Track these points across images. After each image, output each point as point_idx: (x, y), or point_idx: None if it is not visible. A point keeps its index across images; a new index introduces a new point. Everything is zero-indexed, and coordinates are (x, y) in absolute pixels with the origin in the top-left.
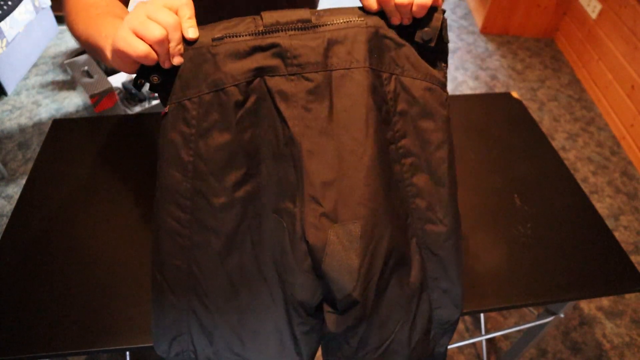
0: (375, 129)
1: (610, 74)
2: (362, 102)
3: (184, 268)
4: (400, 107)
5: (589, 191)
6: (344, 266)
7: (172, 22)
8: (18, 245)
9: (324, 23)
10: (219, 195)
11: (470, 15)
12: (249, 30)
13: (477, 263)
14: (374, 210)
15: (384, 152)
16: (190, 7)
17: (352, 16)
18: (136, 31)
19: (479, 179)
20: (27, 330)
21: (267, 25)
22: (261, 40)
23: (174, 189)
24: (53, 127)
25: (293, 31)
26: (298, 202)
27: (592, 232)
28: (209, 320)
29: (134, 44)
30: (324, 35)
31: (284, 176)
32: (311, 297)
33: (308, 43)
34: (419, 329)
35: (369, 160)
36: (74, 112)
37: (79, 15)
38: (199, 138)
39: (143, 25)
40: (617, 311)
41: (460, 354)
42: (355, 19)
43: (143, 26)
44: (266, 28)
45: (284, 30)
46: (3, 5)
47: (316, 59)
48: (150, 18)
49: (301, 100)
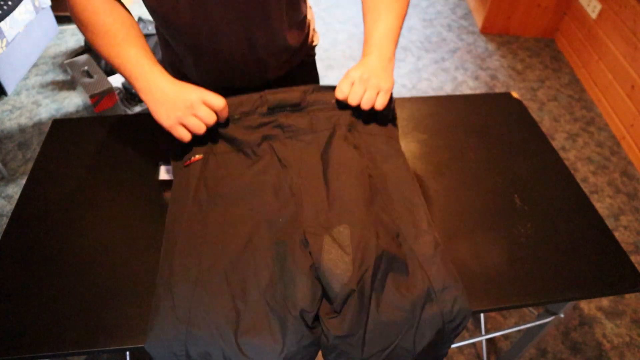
0: (355, 165)
1: (610, 74)
2: (344, 147)
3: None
4: (367, 147)
5: (589, 191)
6: (340, 260)
7: (211, 121)
8: (18, 245)
9: (310, 104)
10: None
11: (470, 15)
12: (256, 109)
13: (477, 263)
14: (359, 217)
15: (363, 180)
16: (223, 105)
17: (331, 98)
18: (183, 124)
19: (479, 179)
20: (27, 330)
21: (270, 106)
22: (266, 119)
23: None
24: (53, 127)
25: (287, 112)
26: (297, 225)
27: (592, 232)
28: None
29: (181, 134)
30: (309, 113)
31: (284, 206)
32: (311, 301)
33: (298, 120)
34: (426, 337)
35: (351, 185)
36: (74, 112)
37: (98, 39)
38: (219, 180)
39: (188, 120)
40: (617, 311)
41: (460, 354)
42: (332, 101)
43: (188, 121)
44: (269, 110)
45: (281, 112)
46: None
47: (305, 127)
48: (194, 115)
49: (297, 152)
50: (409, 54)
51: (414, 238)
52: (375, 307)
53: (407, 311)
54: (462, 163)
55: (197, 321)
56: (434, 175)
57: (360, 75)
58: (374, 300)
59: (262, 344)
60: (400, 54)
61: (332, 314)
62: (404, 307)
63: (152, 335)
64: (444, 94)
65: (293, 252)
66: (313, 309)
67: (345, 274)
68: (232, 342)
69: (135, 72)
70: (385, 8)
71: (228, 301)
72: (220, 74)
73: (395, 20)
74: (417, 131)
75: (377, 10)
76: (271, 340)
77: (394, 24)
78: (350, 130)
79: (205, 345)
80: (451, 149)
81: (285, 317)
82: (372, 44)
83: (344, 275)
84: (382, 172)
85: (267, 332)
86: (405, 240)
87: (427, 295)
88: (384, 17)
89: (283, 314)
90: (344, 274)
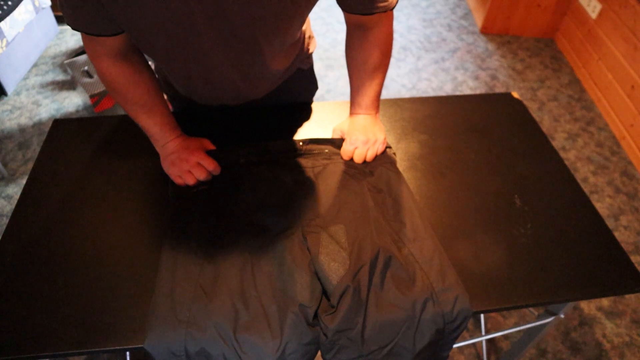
0: (352, 177)
1: (610, 74)
2: (336, 170)
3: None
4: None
5: (589, 191)
6: (337, 254)
7: (204, 178)
8: (18, 245)
9: (307, 151)
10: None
11: (470, 15)
12: (260, 154)
13: (478, 263)
14: (353, 217)
15: (361, 188)
16: (214, 167)
17: (324, 148)
18: (181, 177)
19: (479, 179)
20: (27, 330)
21: (271, 151)
22: (267, 157)
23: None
24: (53, 127)
25: (287, 155)
26: (296, 226)
27: (592, 232)
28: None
29: (179, 181)
30: (309, 158)
31: (283, 217)
32: (310, 297)
33: (297, 159)
34: (426, 337)
35: (349, 192)
36: (74, 112)
37: (127, 106)
38: (222, 194)
39: (185, 175)
40: (617, 311)
41: (460, 354)
42: (325, 150)
43: (185, 176)
44: (270, 154)
45: (281, 155)
46: (3, 5)
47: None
48: (190, 171)
49: (294, 172)
50: (409, 54)
51: (412, 242)
52: (375, 304)
53: (407, 310)
54: (462, 163)
55: (196, 321)
56: (434, 176)
57: (363, 139)
58: (374, 297)
59: (260, 341)
60: (400, 54)
61: (330, 310)
62: (404, 306)
63: (152, 335)
64: (444, 94)
65: (292, 250)
66: (312, 304)
67: (342, 267)
68: (231, 340)
69: (156, 139)
70: (369, 78)
71: (227, 300)
72: (210, 95)
73: (380, 85)
74: (417, 131)
75: (361, 80)
76: (270, 337)
77: (378, 89)
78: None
79: (204, 345)
80: (451, 149)
81: (285, 314)
82: (365, 106)
83: (341, 268)
84: (379, 182)
85: (266, 328)
86: (404, 245)
87: (428, 295)
88: (369, 84)
89: (282, 311)
90: (341, 267)
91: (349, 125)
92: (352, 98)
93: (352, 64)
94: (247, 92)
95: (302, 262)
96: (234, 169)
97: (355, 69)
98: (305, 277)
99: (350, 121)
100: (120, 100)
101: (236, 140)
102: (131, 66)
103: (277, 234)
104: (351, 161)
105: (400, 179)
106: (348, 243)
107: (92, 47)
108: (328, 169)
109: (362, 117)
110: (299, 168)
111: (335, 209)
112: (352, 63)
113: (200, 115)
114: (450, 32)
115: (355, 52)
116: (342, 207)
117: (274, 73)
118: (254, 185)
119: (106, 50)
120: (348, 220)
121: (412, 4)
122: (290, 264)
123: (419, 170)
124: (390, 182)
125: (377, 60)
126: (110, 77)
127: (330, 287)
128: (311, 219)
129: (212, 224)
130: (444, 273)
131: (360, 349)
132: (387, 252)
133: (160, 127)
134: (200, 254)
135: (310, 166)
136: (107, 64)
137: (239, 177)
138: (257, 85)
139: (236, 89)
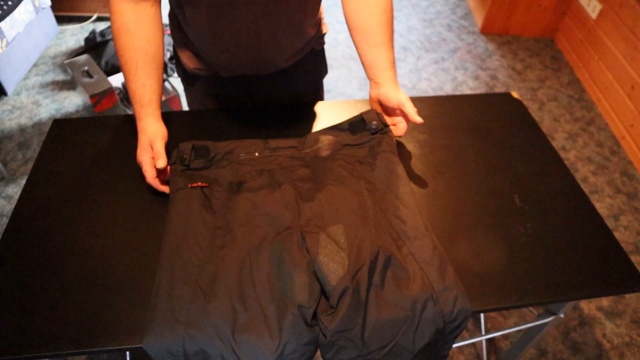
0: (350, 175)
1: (610, 74)
2: (335, 167)
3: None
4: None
5: (589, 191)
6: (335, 254)
7: (149, 178)
8: (18, 245)
9: (308, 146)
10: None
11: (470, 15)
12: (260, 150)
13: (477, 263)
14: (353, 216)
15: (359, 187)
16: (149, 175)
17: (325, 139)
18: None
19: (479, 179)
20: (27, 330)
21: (271, 148)
22: (267, 153)
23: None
24: (53, 127)
25: (287, 151)
26: (295, 226)
27: (592, 232)
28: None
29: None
30: (307, 152)
31: (284, 216)
32: (309, 297)
33: (297, 159)
34: (425, 337)
35: (347, 191)
36: (74, 112)
37: (128, 53)
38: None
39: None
40: (617, 311)
41: (460, 354)
42: (325, 141)
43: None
44: (270, 150)
45: (281, 150)
46: (3, 5)
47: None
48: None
49: (294, 172)
50: (409, 53)
51: (412, 241)
52: (374, 304)
53: (407, 310)
54: (462, 163)
55: (195, 321)
56: (434, 175)
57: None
58: (374, 297)
59: (259, 341)
60: (400, 54)
61: (329, 311)
62: (404, 305)
63: (150, 335)
64: (444, 94)
65: (290, 250)
66: (311, 305)
67: (341, 268)
68: (229, 341)
69: (137, 111)
70: (383, 42)
71: (226, 301)
72: (231, 59)
73: (392, 49)
74: (417, 131)
75: (376, 42)
76: (268, 338)
77: (392, 53)
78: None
79: (202, 345)
80: (451, 149)
81: (283, 314)
82: (387, 69)
83: (340, 269)
84: (378, 181)
85: (265, 329)
86: (404, 244)
87: (428, 295)
88: (385, 48)
89: (281, 311)
90: (340, 267)
91: (392, 91)
92: (373, 64)
93: (356, 21)
94: (268, 55)
95: (300, 263)
96: (233, 162)
97: (361, 29)
98: (304, 278)
99: (386, 88)
100: (118, 50)
101: (237, 138)
102: (147, 17)
103: (275, 234)
104: (351, 153)
105: (401, 174)
106: (347, 243)
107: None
108: (326, 165)
109: (394, 82)
110: (298, 166)
111: (334, 208)
112: (356, 20)
113: (202, 115)
114: (450, 32)
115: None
116: (341, 206)
117: (296, 33)
118: (253, 184)
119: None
120: (347, 219)
121: (412, 4)
122: (289, 264)
123: (418, 169)
124: (391, 177)
125: (383, 16)
126: (125, 18)
127: (329, 288)
128: (310, 218)
129: (211, 225)
130: (443, 272)
131: (359, 348)
132: (386, 251)
133: (139, 97)
134: (199, 254)
135: (309, 164)
136: (127, 7)
137: (238, 176)
138: (278, 48)
139: (258, 48)
